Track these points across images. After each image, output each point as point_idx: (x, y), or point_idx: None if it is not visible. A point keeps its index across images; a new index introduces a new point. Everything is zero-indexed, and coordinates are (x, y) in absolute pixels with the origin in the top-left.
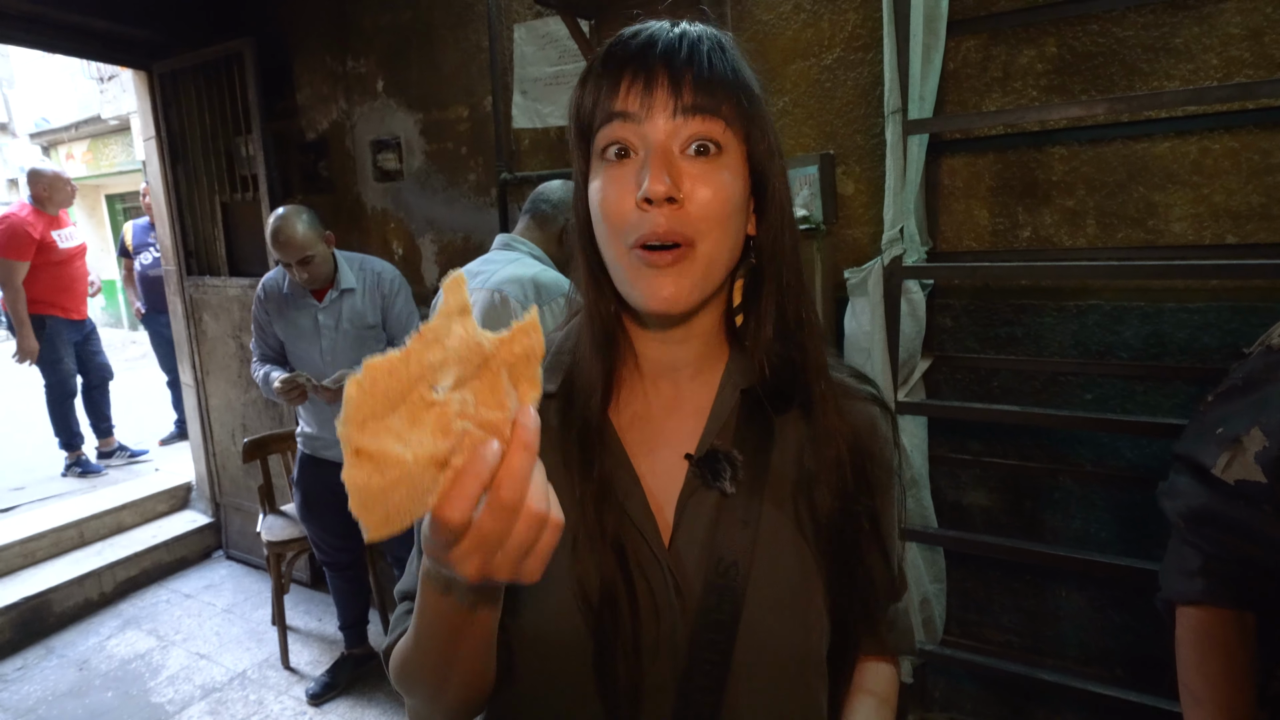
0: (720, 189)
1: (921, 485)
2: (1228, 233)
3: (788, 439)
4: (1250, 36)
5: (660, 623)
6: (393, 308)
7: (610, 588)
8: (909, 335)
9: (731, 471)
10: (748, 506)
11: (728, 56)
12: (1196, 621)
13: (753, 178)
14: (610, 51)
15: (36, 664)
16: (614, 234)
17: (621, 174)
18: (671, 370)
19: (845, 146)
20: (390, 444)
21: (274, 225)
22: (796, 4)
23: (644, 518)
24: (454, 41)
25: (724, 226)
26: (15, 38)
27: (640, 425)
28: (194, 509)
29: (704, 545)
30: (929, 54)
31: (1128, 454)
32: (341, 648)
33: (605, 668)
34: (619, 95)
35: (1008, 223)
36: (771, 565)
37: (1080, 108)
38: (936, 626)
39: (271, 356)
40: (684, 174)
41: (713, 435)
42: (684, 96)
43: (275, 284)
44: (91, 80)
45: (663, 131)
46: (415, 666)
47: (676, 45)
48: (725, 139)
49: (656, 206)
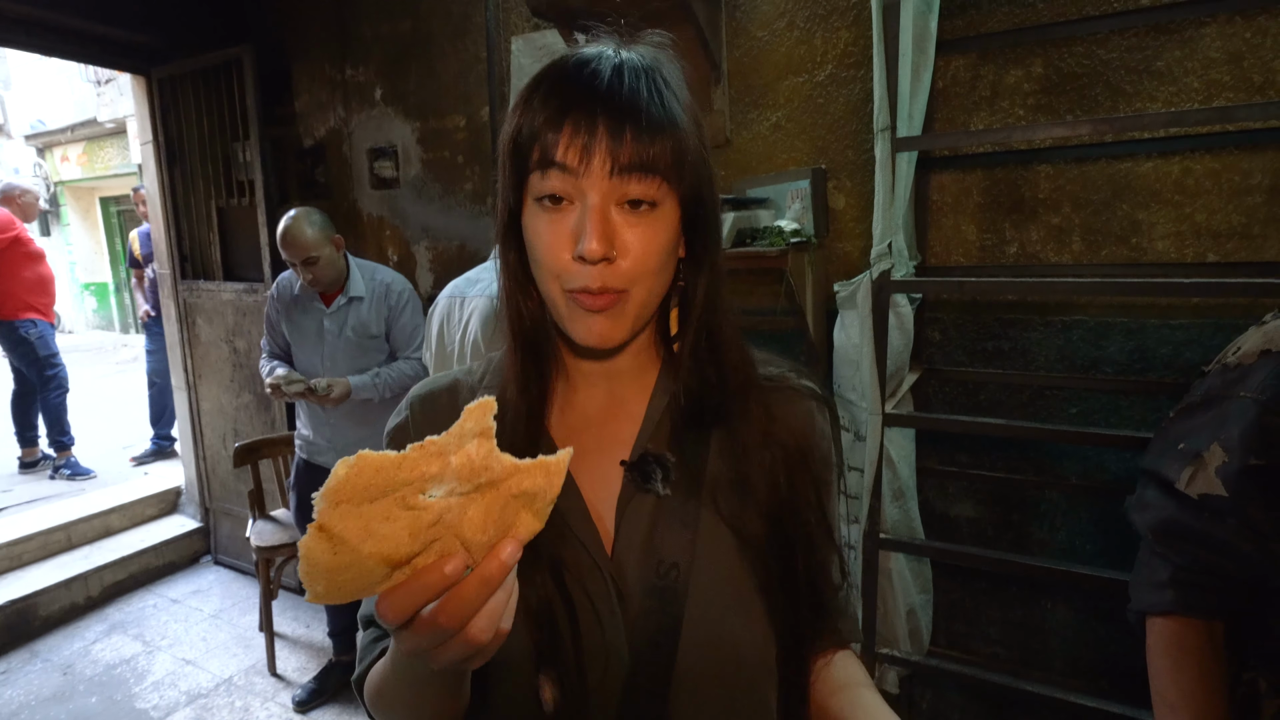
0: (653, 242)
1: (909, 496)
2: (1209, 251)
3: (722, 443)
4: (1230, 60)
5: (604, 631)
6: (398, 320)
7: (548, 606)
8: (897, 348)
9: (664, 474)
10: (685, 509)
11: (666, 98)
12: (1168, 631)
13: (684, 214)
14: (554, 84)
15: (20, 668)
16: (550, 278)
17: (558, 222)
18: (606, 378)
19: (837, 161)
20: (352, 530)
21: (283, 224)
22: (790, 21)
23: (584, 527)
24: (452, 52)
25: (655, 275)
26: (16, 41)
27: (578, 434)
28: (183, 513)
29: (644, 549)
30: (918, 73)
31: (1113, 467)
32: (329, 655)
33: (548, 677)
34: (559, 145)
35: (995, 238)
36: (712, 566)
37: (1066, 128)
38: (923, 637)
39: (280, 354)
40: (618, 228)
41: (646, 439)
42: (622, 156)
43: (288, 284)
44: (88, 83)
45: (599, 191)
46: (390, 702)
47: (618, 89)
48: (660, 194)
49: (591, 263)
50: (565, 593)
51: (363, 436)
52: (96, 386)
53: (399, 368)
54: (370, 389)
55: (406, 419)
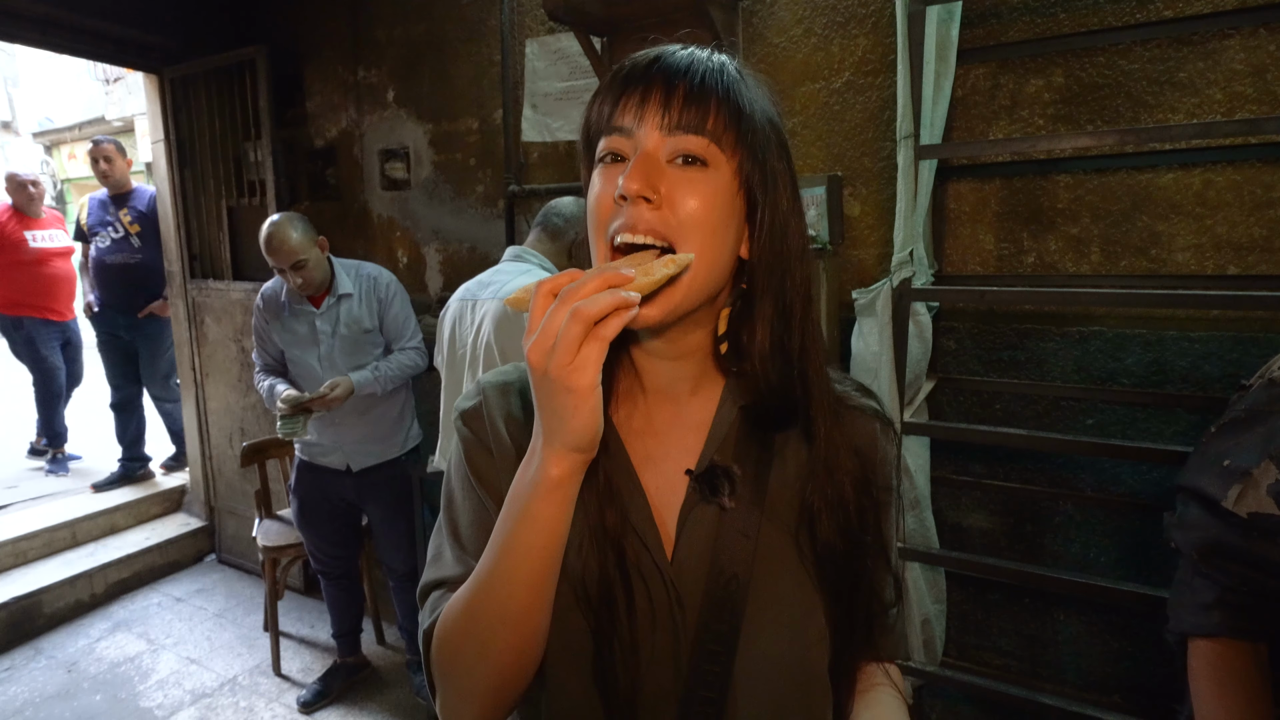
0: (701, 196)
1: (924, 505)
2: (1230, 264)
3: (787, 457)
4: (1254, 73)
5: (660, 632)
6: (389, 311)
7: (609, 586)
8: (916, 356)
9: (730, 487)
10: (747, 521)
11: (725, 79)
12: (1212, 654)
13: (745, 198)
14: (617, 71)
15: (25, 665)
16: (597, 228)
17: (610, 174)
18: (671, 386)
19: (853, 168)
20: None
21: (266, 232)
22: (807, 28)
23: (647, 527)
24: (466, 55)
25: (705, 234)
26: (32, 39)
27: (643, 439)
28: (187, 512)
29: (704, 558)
30: (939, 81)
31: (1129, 480)
32: (334, 656)
33: (604, 669)
34: (618, 111)
35: (1013, 248)
36: (771, 580)
37: (1089, 138)
38: (936, 648)
39: (273, 366)
40: (665, 177)
41: (712, 451)
42: (672, 113)
43: (274, 292)
44: (97, 82)
45: (651, 142)
46: (475, 611)
47: (677, 66)
48: (710, 155)
49: (632, 203)
50: (626, 575)
51: (368, 433)
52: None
53: (396, 359)
54: (372, 383)
55: (480, 403)
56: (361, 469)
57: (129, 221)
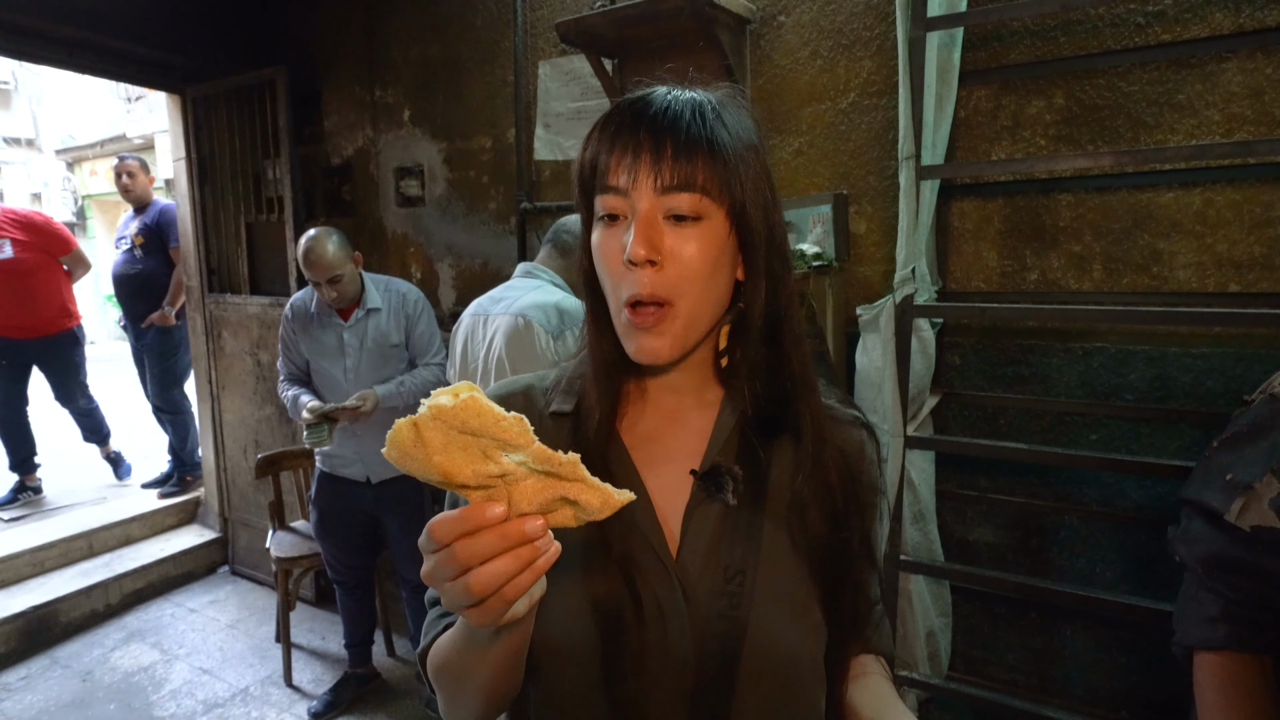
0: (695, 252)
1: (929, 519)
2: (1230, 281)
3: (782, 461)
4: (1252, 94)
5: (667, 631)
6: (416, 328)
7: (617, 601)
8: (919, 372)
9: (734, 485)
10: (750, 519)
11: (708, 126)
12: (1219, 668)
13: (737, 231)
14: (609, 118)
15: (40, 674)
16: (611, 289)
17: (614, 235)
18: (674, 396)
19: (858, 187)
20: (435, 440)
21: (305, 245)
22: (814, 51)
23: (651, 529)
24: (480, 75)
25: (702, 284)
26: (59, 60)
27: (647, 444)
28: (202, 523)
29: (709, 555)
30: (941, 102)
31: (1133, 495)
32: (345, 666)
33: (613, 677)
34: (611, 170)
35: (1015, 265)
36: (772, 574)
37: (1089, 159)
38: (942, 661)
39: (298, 376)
40: (664, 236)
41: (715, 452)
42: (663, 174)
43: (303, 304)
44: (118, 100)
45: (646, 204)
46: (448, 667)
47: (662, 121)
48: (702, 207)
49: (639, 267)
50: (633, 587)
51: None
52: (119, 395)
53: (420, 374)
54: (396, 397)
55: None
56: (381, 480)
57: (135, 233)
